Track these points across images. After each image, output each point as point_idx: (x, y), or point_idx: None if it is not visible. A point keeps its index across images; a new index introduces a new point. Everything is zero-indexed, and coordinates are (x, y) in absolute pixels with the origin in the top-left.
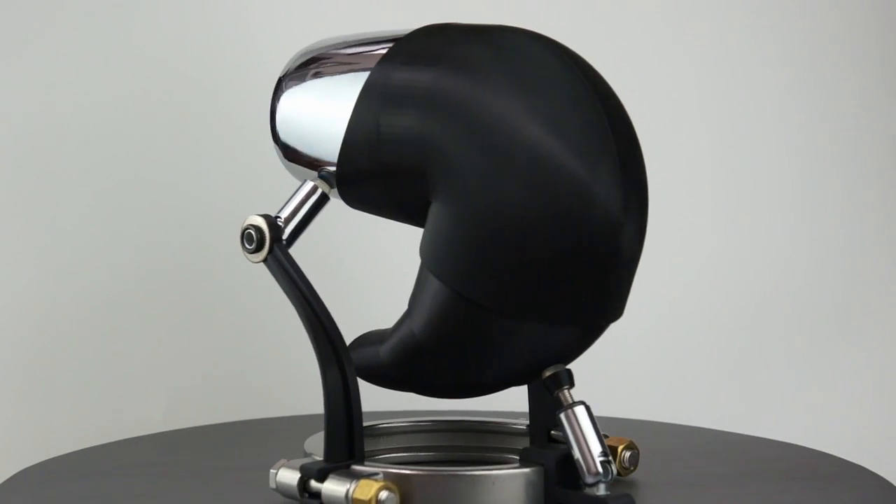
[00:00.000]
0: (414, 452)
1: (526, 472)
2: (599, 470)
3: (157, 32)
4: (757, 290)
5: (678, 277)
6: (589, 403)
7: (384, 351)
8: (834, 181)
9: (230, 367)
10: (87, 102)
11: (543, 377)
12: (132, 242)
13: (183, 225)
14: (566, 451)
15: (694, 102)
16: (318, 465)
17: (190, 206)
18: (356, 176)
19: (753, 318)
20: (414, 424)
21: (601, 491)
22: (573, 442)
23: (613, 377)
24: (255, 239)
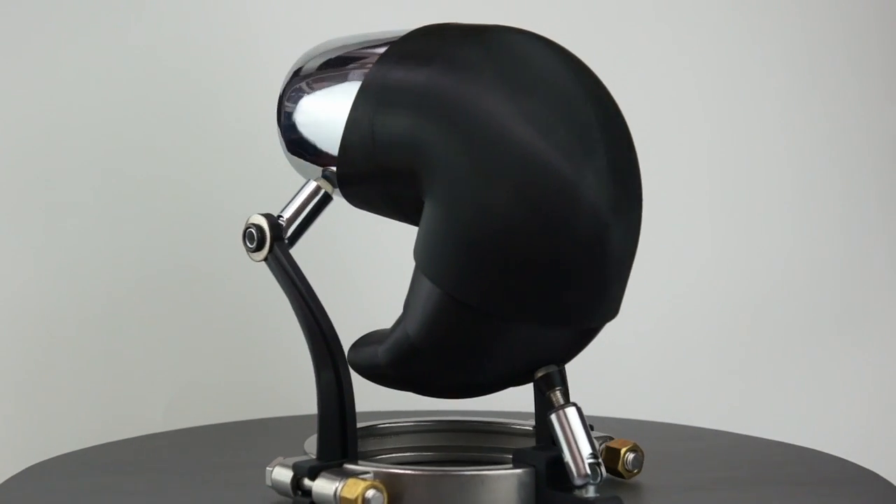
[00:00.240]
0: (416, 452)
1: (516, 473)
2: (587, 472)
3: (157, 32)
4: (757, 290)
5: (678, 278)
6: (590, 404)
7: (381, 351)
8: (834, 181)
9: (231, 366)
10: (86, 102)
11: (535, 378)
12: (132, 242)
13: (183, 225)
14: (558, 452)
15: (694, 102)
16: (310, 463)
17: (190, 205)
18: (356, 177)
19: (754, 318)
20: (416, 424)
21: (590, 493)
22: (563, 443)
23: (614, 377)
24: (255, 238)
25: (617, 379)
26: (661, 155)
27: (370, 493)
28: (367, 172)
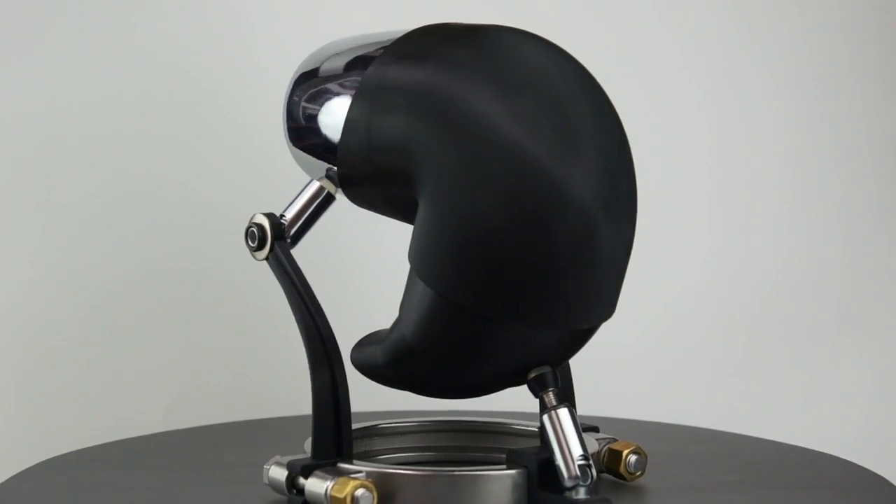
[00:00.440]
0: (416, 452)
1: (507, 473)
2: (577, 473)
3: (159, 31)
4: (757, 290)
5: (679, 278)
6: (591, 404)
7: (380, 352)
8: (834, 181)
9: (231, 366)
10: (87, 101)
11: (528, 379)
12: (133, 242)
13: (183, 225)
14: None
15: (694, 102)
16: (304, 461)
17: (191, 205)
18: (355, 178)
19: (754, 318)
20: (416, 424)
21: (581, 494)
22: (554, 444)
23: (614, 378)
24: (257, 237)
25: (617, 379)
26: (661, 155)
27: (359, 492)
28: (365, 174)
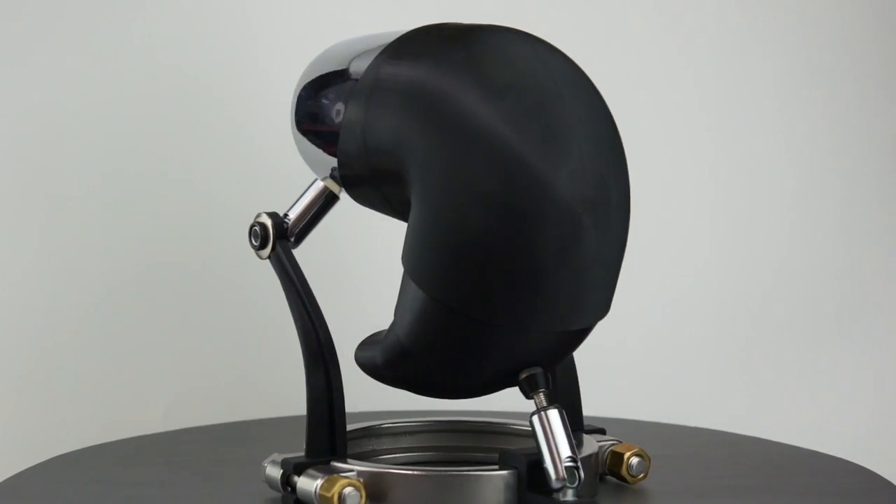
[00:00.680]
0: (417, 453)
1: (496, 474)
2: (564, 475)
3: (161, 31)
4: (758, 290)
5: (679, 278)
6: (591, 404)
7: (378, 353)
8: (834, 181)
9: (231, 366)
10: (88, 99)
11: (519, 379)
12: (133, 242)
13: (183, 225)
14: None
15: (693, 102)
16: (297, 459)
17: (191, 205)
18: (355, 178)
19: (754, 318)
20: (417, 425)
21: (568, 496)
22: (543, 445)
23: (614, 378)
24: (259, 236)
25: (617, 379)
26: (661, 155)
27: (346, 491)
28: (364, 175)
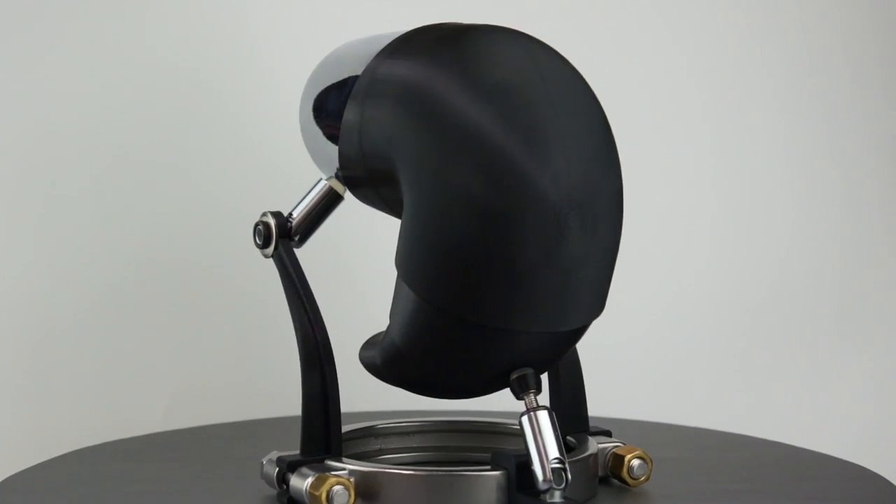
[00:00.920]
0: (419, 453)
1: (486, 474)
2: (551, 476)
3: (164, 30)
4: (757, 290)
5: (679, 278)
6: (591, 404)
7: (377, 353)
8: (834, 182)
9: (231, 366)
10: (89, 97)
11: (510, 380)
12: (133, 241)
13: (183, 224)
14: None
15: (693, 102)
16: (292, 458)
17: (192, 205)
18: (356, 180)
19: (754, 318)
20: (419, 424)
21: (556, 498)
22: (531, 446)
23: (614, 378)
24: (263, 235)
25: (618, 379)
26: (660, 155)
27: (335, 489)
28: (363, 177)
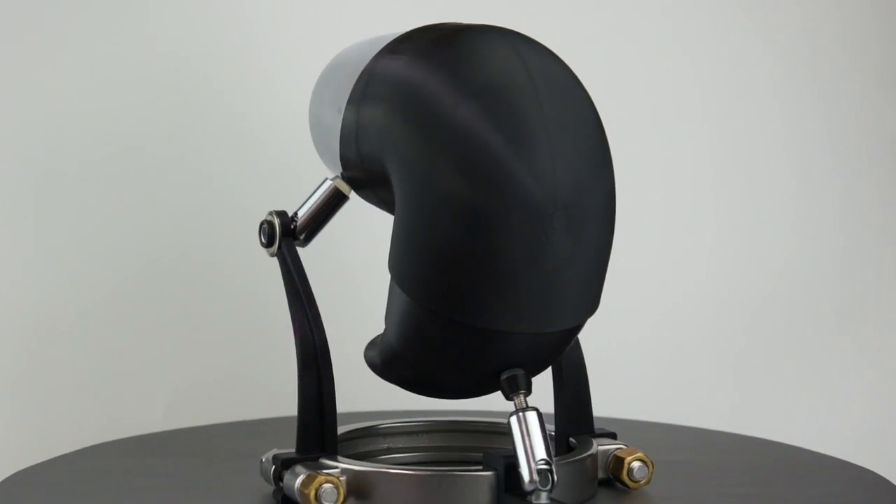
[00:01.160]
0: (420, 453)
1: (474, 475)
2: (536, 478)
3: (167, 28)
4: (757, 290)
5: (679, 278)
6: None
7: (376, 354)
8: (834, 181)
9: (231, 366)
10: (89, 95)
11: (500, 380)
12: (132, 241)
13: (184, 223)
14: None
15: (694, 101)
16: (287, 455)
17: (192, 204)
18: (357, 181)
19: (754, 318)
20: (419, 425)
21: (542, 499)
22: (518, 447)
23: (614, 378)
24: (266, 234)
25: (618, 379)
26: (661, 155)
27: (324, 487)
28: (363, 179)
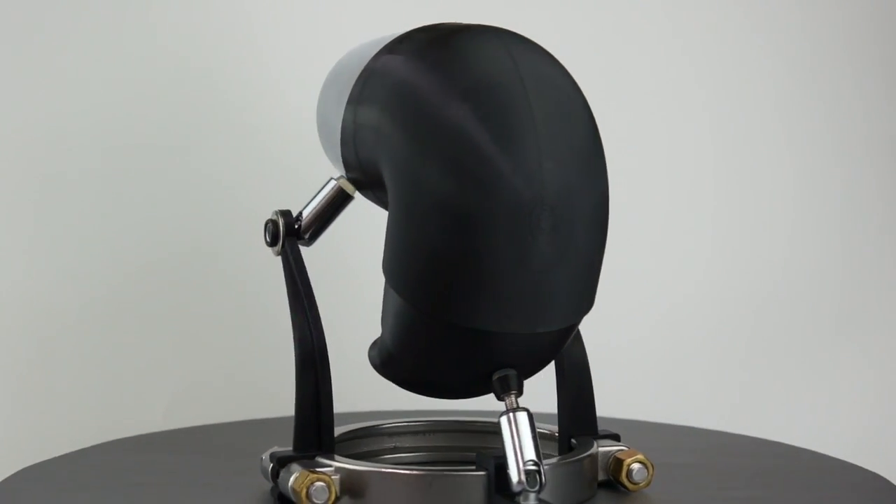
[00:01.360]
0: (422, 453)
1: (465, 475)
2: (523, 478)
3: (170, 26)
4: (758, 291)
5: (680, 279)
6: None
7: (377, 355)
8: (834, 181)
9: (231, 366)
10: (90, 93)
11: (492, 381)
12: (133, 241)
13: (184, 223)
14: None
15: (694, 102)
16: (283, 453)
17: (192, 203)
18: (358, 183)
19: (754, 318)
20: (425, 425)
21: (530, 500)
22: (508, 448)
23: (614, 378)
24: (271, 233)
25: (618, 380)
26: (661, 156)
27: (315, 485)
28: (363, 180)
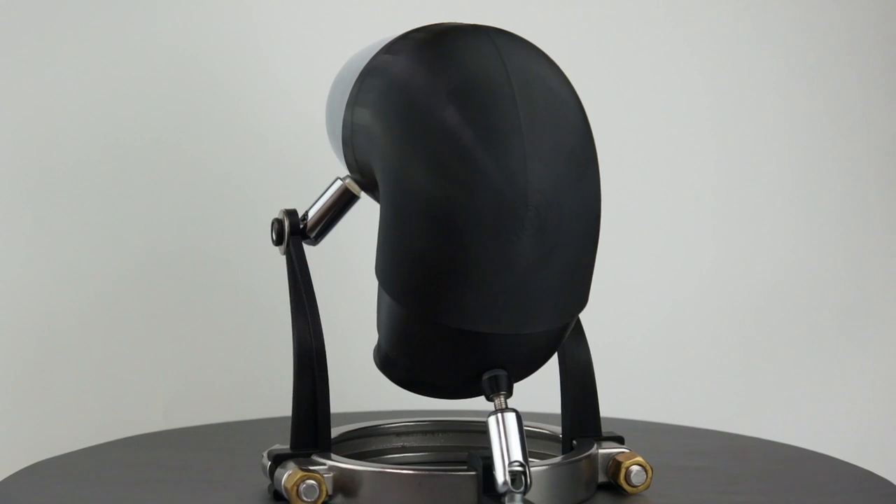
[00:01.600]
0: (422, 453)
1: (453, 475)
2: (508, 479)
3: (173, 25)
4: (758, 291)
5: (680, 279)
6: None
7: (375, 356)
8: (835, 181)
9: (231, 366)
10: (90, 93)
11: (482, 381)
12: (133, 241)
13: (184, 224)
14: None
15: (695, 102)
16: (279, 451)
17: (193, 203)
18: (359, 184)
19: (755, 318)
20: (424, 425)
21: (516, 501)
22: (495, 448)
23: (614, 378)
24: (276, 232)
25: (618, 380)
26: (662, 156)
27: (306, 483)
28: (362, 182)
